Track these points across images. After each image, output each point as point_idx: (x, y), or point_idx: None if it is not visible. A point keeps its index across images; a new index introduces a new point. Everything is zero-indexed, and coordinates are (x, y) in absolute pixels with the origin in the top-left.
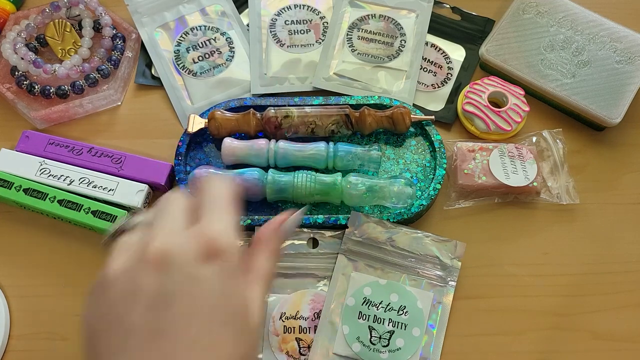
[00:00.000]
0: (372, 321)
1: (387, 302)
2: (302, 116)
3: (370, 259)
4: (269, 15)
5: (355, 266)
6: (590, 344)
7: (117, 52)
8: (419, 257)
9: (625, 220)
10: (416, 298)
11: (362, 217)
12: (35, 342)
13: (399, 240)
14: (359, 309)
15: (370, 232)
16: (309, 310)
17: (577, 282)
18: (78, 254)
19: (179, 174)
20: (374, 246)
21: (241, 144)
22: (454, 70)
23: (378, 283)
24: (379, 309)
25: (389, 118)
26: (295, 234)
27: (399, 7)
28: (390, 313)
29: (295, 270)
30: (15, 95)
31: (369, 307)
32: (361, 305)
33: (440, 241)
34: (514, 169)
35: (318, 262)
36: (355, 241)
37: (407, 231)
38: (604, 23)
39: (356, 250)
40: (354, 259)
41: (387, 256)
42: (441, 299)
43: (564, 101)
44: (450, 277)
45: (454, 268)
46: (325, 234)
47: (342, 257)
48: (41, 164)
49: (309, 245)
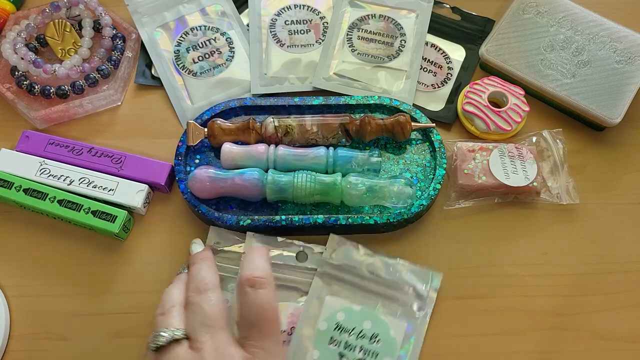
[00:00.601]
0: (343, 347)
1: (360, 328)
2: (303, 132)
3: (346, 283)
4: (269, 15)
5: (330, 290)
6: (590, 344)
7: (117, 52)
8: (395, 285)
9: (625, 220)
10: (389, 327)
11: (340, 240)
12: (35, 342)
13: (376, 266)
14: (331, 334)
15: (347, 256)
16: (287, 325)
17: (577, 282)
18: (78, 254)
19: (179, 174)
20: (351, 271)
21: (240, 150)
22: (454, 70)
23: (352, 309)
24: (351, 336)
25: (390, 131)
26: (285, 244)
27: (399, 7)
28: (362, 340)
29: (279, 281)
30: (15, 95)
31: (340, 333)
32: (333, 331)
33: (417, 270)
34: (514, 169)
35: (303, 277)
36: (332, 265)
37: (385, 258)
38: (604, 23)
39: (332, 273)
40: (329, 283)
41: (363, 282)
42: (415, 330)
43: (564, 101)
44: (426, 307)
45: (430, 299)
46: (315, 249)
47: (317, 279)
48: (41, 164)
49: (297, 259)
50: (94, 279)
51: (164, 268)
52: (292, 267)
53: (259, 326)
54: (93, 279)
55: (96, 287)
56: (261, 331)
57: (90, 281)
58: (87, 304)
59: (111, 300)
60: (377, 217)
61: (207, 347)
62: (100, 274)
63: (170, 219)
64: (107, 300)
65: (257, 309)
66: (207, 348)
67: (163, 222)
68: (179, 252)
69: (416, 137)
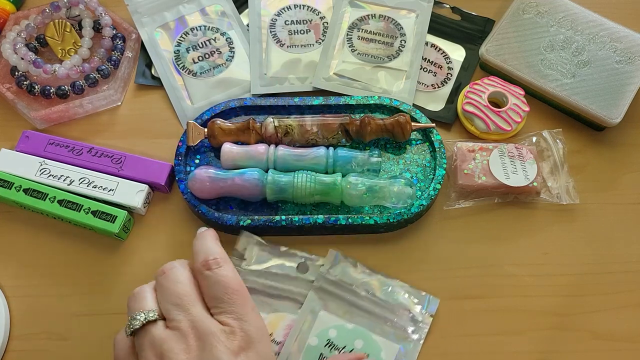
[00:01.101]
0: None
1: (351, 347)
2: (303, 133)
3: (342, 300)
4: (269, 15)
5: (324, 305)
6: (590, 344)
7: (117, 52)
8: (390, 306)
9: (625, 220)
10: (381, 348)
11: (339, 256)
12: (35, 342)
13: (374, 285)
14: (321, 351)
15: (345, 273)
16: (283, 336)
17: (577, 282)
18: (78, 254)
19: (179, 174)
20: (347, 288)
21: (240, 151)
22: (454, 70)
23: (345, 327)
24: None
25: (390, 132)
26: (288, 255)
27: (399, 7)
28: None
29: (278, 291)
30: (15, 95)
31: (331, 350)
32: (324, 347)
33: (415, 293)
34: (514, 169)
35: (303, 289)
36: (329, 280)
37: (383, 278)
38: (604, 23)
39: (328, 289)
40: (324, 298)
41: (359, 300)
42: (407, 353)
43: (564, 101)
44: (420, 332)
45: (424, 324)
46: (316, 261)
47: (312, 294)
48: (41, 164)
49: (298, 270)
50: (94, 279)
51: None
52: (292, 278)
53: (227, 298)
54: (93, 279)
55: (96, 287)
56: (230, 301)
57: (90, 281)
58: (87, 304)
59: (111, 300)
60: (377, 217)
61: (184, 324)
62: (100, 274)
63: (170, 219)
64: (107, 300)
65: (220, 284)
66: (183, 326)
67: (163, 222)
68: (179, 252)
69: (416, 137)
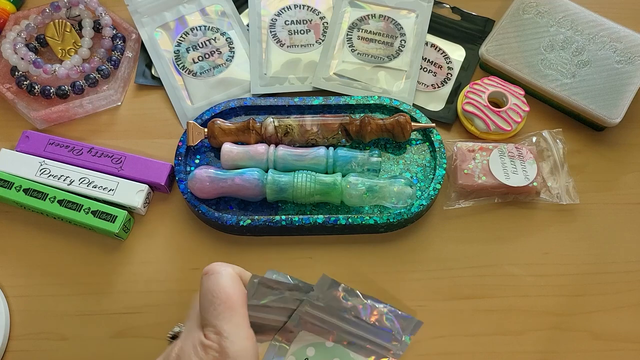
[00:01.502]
0: None
1: None
2: (303, 133)
3: (324, 322)
4: (269, 15)
5: (305, 327)
6: (590, 344)
7: (117, 52)
8: (373, 328)
9: (625, 220)
10: None
11: (334, 284)
12: (35, 342)
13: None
14: None
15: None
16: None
17: (577, 282)
18: (78, 254)
19: (179, 174)
20: (333, 313)
21: (240, 151)
22: (453, 70)
23: (324, 345)
24: None
25: (390, 132)
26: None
27: (399, 7)
28: None
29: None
30: (15, 95)
31: None
32: None
33: (401, 317)
34: (514, 169)
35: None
36: (316, 305)
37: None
38: (604, 23)
39: (312, 313)
40: (307, 321)
41: (341, 322)
42: None
43: (564, 101)
44: (399, 351)
45: (404, 343)
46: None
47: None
48: (41, 164)
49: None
50: (94, 279)
51: (163, 268)
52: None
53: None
54: (93, 279)
55: (96, 287)
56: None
57: (90, 281)
58: (87, 304)
59: (111, 300)
60: (377, 217)
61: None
62: (100, 274)
63: (170, 219)
64: (107, 300)
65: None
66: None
67: (163, 222)
68: (179, 252)
69: (416, 137)
